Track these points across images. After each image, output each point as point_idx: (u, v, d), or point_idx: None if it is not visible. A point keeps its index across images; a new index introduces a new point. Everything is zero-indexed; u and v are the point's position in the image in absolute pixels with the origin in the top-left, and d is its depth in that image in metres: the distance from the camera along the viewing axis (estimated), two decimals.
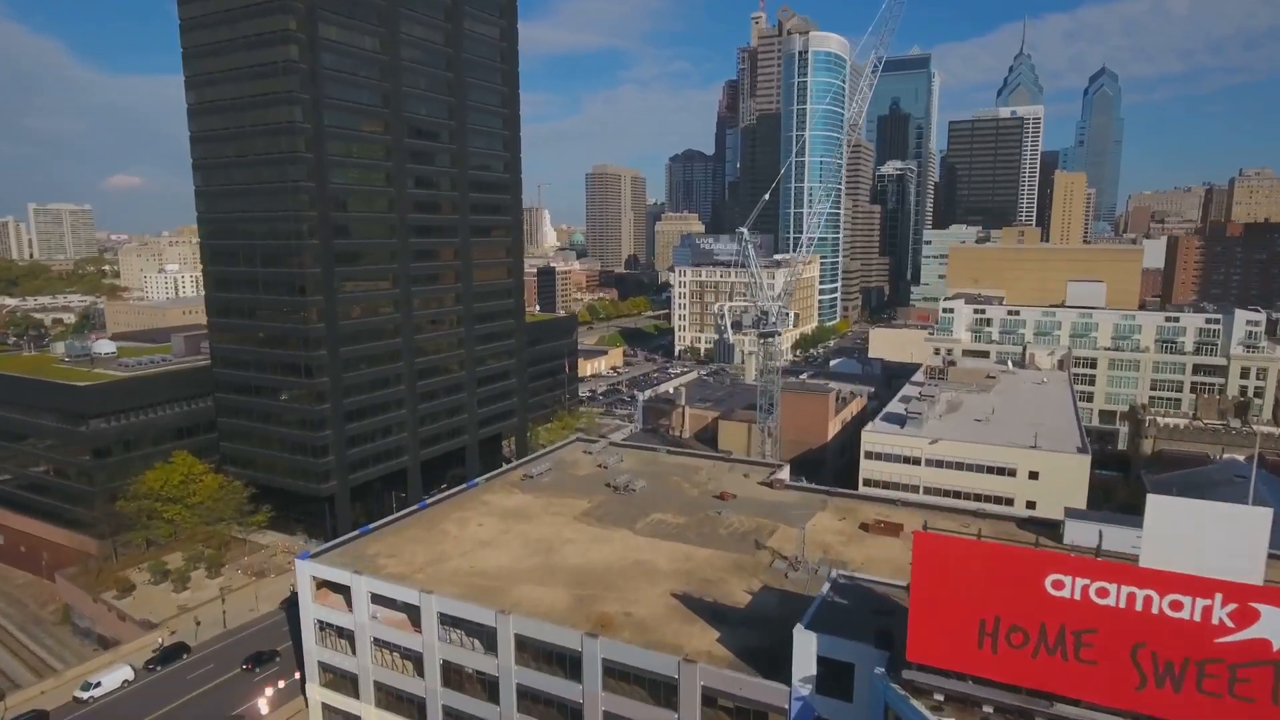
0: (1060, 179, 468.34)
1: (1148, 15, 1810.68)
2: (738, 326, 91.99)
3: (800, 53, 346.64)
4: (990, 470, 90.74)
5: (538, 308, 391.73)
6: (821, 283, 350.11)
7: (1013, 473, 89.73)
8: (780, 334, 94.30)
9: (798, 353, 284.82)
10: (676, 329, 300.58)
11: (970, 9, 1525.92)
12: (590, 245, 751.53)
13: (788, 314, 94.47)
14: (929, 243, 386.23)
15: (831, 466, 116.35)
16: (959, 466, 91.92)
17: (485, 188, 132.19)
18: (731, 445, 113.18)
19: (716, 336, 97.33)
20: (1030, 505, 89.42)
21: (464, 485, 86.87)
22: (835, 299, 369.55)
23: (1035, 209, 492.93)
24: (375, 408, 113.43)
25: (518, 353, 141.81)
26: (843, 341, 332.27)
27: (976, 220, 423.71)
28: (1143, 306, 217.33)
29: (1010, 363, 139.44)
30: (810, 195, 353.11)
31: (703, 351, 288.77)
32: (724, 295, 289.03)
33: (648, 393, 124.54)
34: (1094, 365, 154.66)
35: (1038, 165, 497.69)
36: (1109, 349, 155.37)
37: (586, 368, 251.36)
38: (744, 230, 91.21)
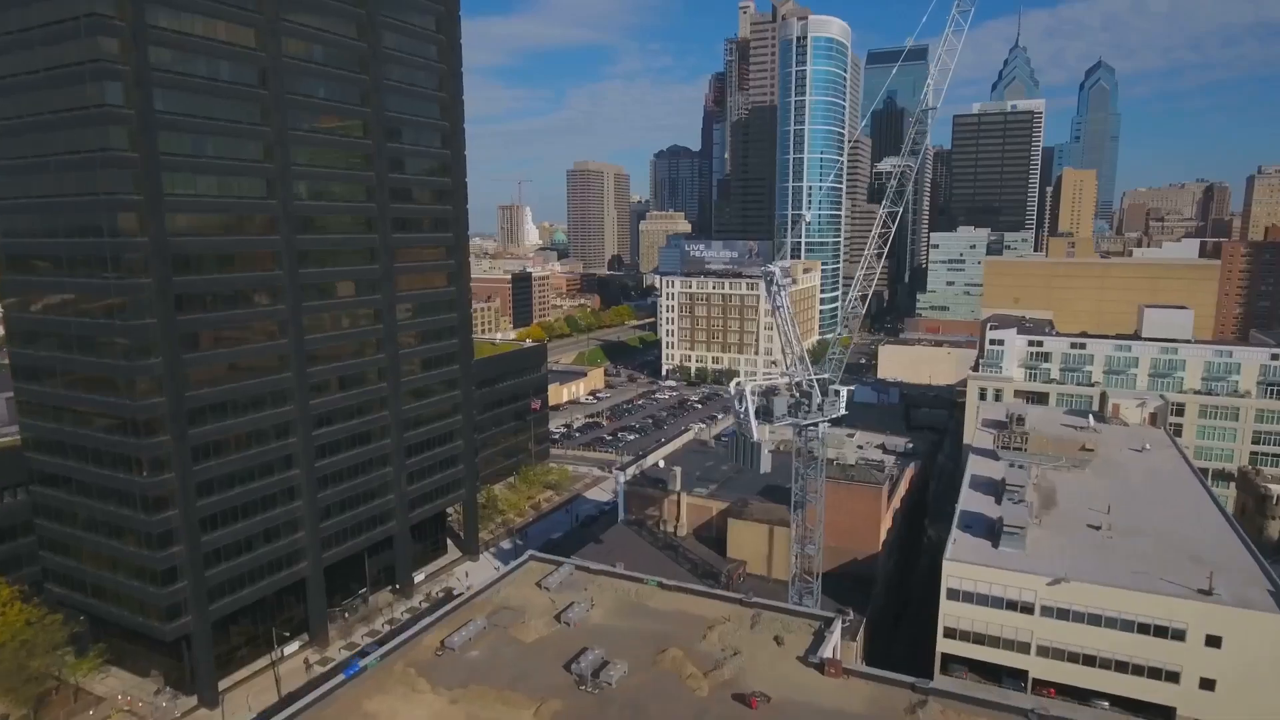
0: (1069, 176, 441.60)
1: (1128, 12, 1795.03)
2: (765, 415, 60.84)
3: (798, 39, 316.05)
4: (1143, 629, 60.59)
5: (509, 328, 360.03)
6: (822, 291, 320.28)
7: (1180, 635, 59.46)
8: (828, 422, 63.66)
9: None
10: (664, 345, 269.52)
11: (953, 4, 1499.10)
12: (572, 245, 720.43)
13: (839, 393, 63.83)
14: (936, 246, 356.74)
15: (882, 570, 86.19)
16: (1095, 620, 61.65)
17: (416, 197, 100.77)
18: (745, 554, 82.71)
19: (731, 408, 64.40)
20: (1206, 685, 59.75)
21: (341, 676, 55.57)
22: (836, 309, 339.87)
23: (1037, 208, 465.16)
24: (252, 506, 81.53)
25: (464, 406, 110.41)
26: (846, 357, 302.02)
27: (979, 220, 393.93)
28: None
29: (1091, 417, 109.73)
30: (810, 195, 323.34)
31: (693, 371, 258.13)
32: (716, 309, 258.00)
33: (630, 471, 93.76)
34: (1180, 412, 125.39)
35: (1039, 162, 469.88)
36: (1199, 392, 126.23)
37: (562, 393, 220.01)
38: (774, 269, 60.24)
